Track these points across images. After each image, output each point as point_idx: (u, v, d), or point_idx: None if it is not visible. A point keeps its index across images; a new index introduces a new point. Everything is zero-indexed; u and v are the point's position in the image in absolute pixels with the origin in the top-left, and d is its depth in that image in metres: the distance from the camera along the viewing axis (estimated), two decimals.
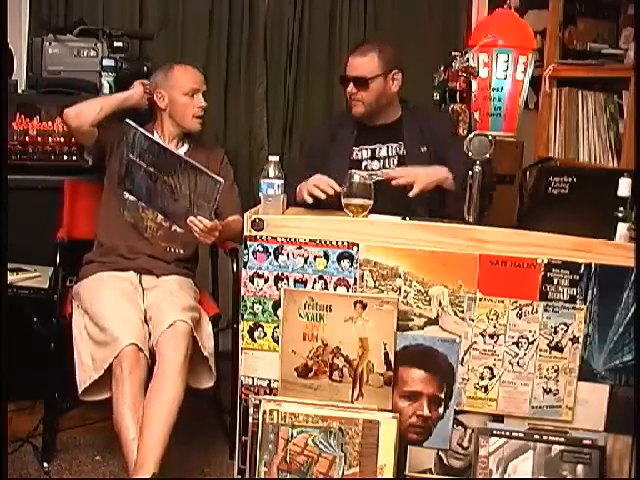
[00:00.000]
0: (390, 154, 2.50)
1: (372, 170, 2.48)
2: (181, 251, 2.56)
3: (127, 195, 2.52)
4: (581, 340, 1.94)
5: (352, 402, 1.99)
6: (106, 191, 2.61)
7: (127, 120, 2.34)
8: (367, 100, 2.46)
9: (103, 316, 2.28)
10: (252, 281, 2.03)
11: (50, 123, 2.78)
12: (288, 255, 2.00)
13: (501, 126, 3.07)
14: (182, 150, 2.64)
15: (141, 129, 2.33)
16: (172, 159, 2.28)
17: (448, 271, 1.95)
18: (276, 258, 2.01)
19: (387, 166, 2.48)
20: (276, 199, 2.06)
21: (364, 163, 2.50)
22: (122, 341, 2.19)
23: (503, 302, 1.95)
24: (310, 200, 2.19)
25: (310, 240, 1.99)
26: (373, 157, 2.50)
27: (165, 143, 2.59)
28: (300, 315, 1.98)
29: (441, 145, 2.44)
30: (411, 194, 2.20)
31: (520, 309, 1.95)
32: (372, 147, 2.51)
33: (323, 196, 2.17)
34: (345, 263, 1.98)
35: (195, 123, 2.64)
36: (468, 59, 3.01)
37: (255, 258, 2.02)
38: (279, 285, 2.01)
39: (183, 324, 2.26)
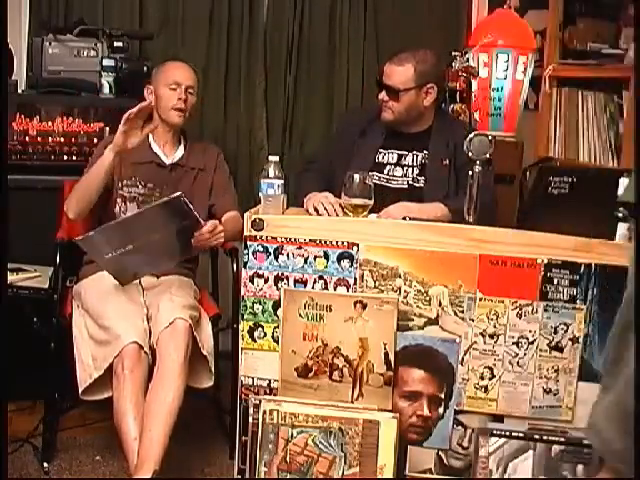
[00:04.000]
0: (415, 163, 2.46)
1: (394, 176, 2.47)
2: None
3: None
4: (581, 340, 1.94)
5: (352, 402, 1.99)
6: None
7: (77, 239, 2.27)
8: (397, 110, 2.42)
9: (104, 315, 2.28)
10: (252, 281, 2.03)
11: (50, 123, 2.78)
12: (288, 255, 2.00)
13: (501, 126, 3.07)
14: (178, 153, 2.63)
15: (99, 229, 2.26)
16: (139, 222, 2.27)
17: (448, 271, 1.95)
18: (276, 258, 2.01)
19: (410, 175, 2.46)
20: (276, 199, 2.06)
21: (388, 167, 2.47)
22: (123, 339, 2.19)
23: (503, 302, 1.95)
24: (313, 213, 2.19)
25: (310, 240, 1.99)
26: (398, 163, 2.47)
27: (160, 147, 2.59)
28: (300, 315, 1.98)
29: (460, 156, 2.35)
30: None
31: (520, 309, 1.95)
32: (399, 152, 2.48)
33: (326, 215, 2.16)
34: (345, 263, 1.98)
35: (174, 115, 2.56)
36: (468, 59, 3.01)
37: (255, 258, 2.02)
38: (279, 285, 2.01)
39: (182, 322, 2.26)
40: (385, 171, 2.47)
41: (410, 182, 2.45)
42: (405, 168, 2.47)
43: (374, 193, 2.12)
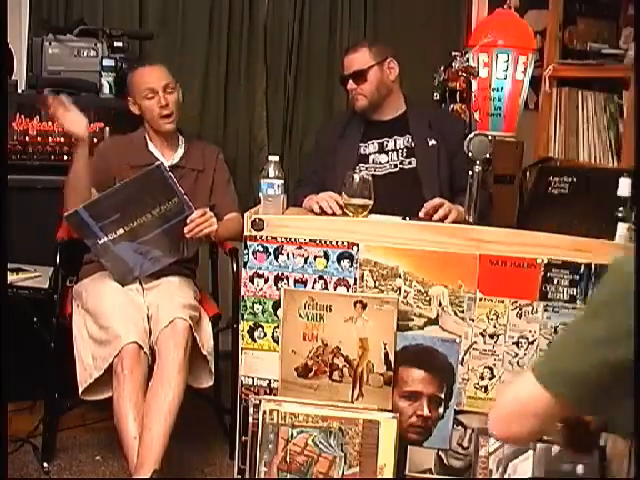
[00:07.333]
0: (398, 147, 2.53)
1: (380, 164, 2.52)
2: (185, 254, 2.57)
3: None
4: None
5: (352, 402, 1.99)
6: None
7: (65, 215, 2.30)
8: (367, 91, 2.51)
9: (104, 315, 2.28)
10: (252, 281, 2.03)
11: (50, 123, 2.78)
12: (288, 255, 2.00)
13: (501, 126, 3.07)
14: (177, 155, 2.63)
15: (85, 204, 2.28)
16: (124, 196, 2.28)
17: (448, 271, 1.95)
18: (276, 258, 2.01)
19: (396, 159, 2.52)
20: (276, 199, 2.06)
21: (372, 157, 2.54)
22: (123, 339, 2.19)
23: (503, 302, 1.95)
24: (318, 211, 2.20)
25: (310, 240, 1.99)
26: (381, 151, 2.54)
27: (158, 149, 2.59)
28: (300, 315, 1.98)
29: (452, 146, 2.44)
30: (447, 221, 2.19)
31: (520, 309, 1.95)
32: (379, 141, 2.55)
33: (330, 211, 2.17)
34: (345, 263, 1.98)
35: (163, 124, 2.55)
36: (468, 59, 3.02)
37: (255, 258, 2.02)
38: (279, 285, 2.01)
39: (182, 321, 2.26)
40: (370, 161, 2.53)
41: (399, 165, 2.50)
42: (389, 153, 2.53)
43: None
